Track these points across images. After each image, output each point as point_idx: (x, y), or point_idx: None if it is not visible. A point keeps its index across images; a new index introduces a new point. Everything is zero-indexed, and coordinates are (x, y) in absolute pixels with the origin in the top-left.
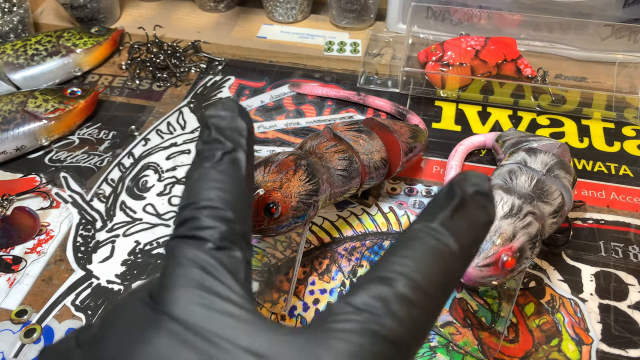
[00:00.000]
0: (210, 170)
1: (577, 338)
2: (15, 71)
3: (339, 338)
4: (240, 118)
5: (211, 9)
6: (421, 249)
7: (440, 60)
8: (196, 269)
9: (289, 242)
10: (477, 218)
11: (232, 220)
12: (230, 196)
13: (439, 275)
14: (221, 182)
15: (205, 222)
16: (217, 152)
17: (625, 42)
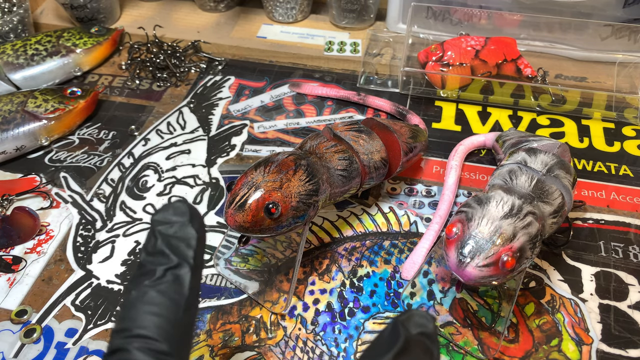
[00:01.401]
0: (149, 290)
1: (577, 338)
2: (15, 71)
3: None
4: (191, 225)
5: (211, 9)
6: None
7: (440, 60)
8: None
9: (289, 242)
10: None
11: (165, 353)
12: (167, 323)
13: None
14: (159, 305)
15: (136, 356)
16: (159, 268)
17: (626, 42)
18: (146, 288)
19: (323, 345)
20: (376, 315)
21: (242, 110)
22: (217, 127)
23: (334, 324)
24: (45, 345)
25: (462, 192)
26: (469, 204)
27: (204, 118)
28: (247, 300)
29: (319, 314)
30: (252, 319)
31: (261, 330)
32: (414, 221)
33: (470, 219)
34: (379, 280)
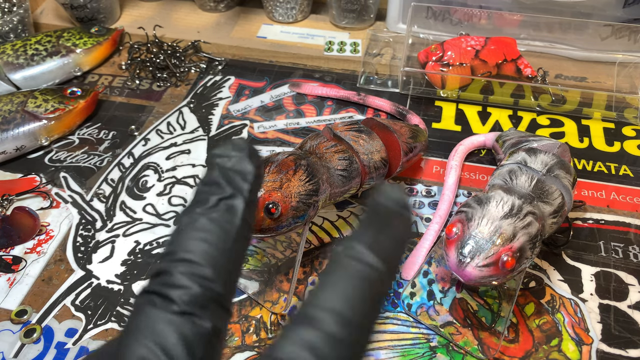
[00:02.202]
0: (200, 217)
1: (577, 338)
2: (15, 71)
3: None
4: (249, 160)
5: (211, 9)
6: (347, 277)
7: (440, 60)
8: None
9: (289, 242)
10: (400, 233)
11: (209, 279)
12: (215, 250)
13: (368, 302)
14: (208, 232)
15: (178, 279)
16: (212, 197)
17: (625, 42)
18: (197, 215)
19: None
20: None
21: (242, 110)
22: (217, 127)
23: None
24: (45, 345)
25: (462, 192)
26: (469, 204)
27: (204, 118)
28: (247, 300)
29: None
30: (252, 319)
31: (261, 330)
32: (414, 221)
33: (470, 219)
34: None
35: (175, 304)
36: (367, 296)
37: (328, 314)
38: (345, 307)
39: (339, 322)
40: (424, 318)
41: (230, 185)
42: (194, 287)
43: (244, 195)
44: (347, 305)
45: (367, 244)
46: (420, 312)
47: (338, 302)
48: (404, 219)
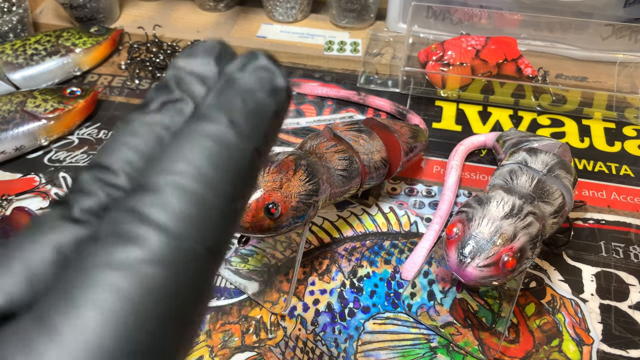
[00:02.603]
0: (134, 121)
1: (577, 338)
2: (14, 71)
3: None
4: (215, 62)
5: (211, 8)
6: (182, 139)
7: (441, 59)
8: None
9: (289, 242)
10: (255, 88)
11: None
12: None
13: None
14: (138, 136)
15: (84, 184)
16: (155, 101)
17: (626, 42)
18: (131, 118)
19: (323, 345)
20: (376, 316)
21: None
22: None
23: (334, 324)
24: None
25: (463, 192)
26: (469, 204)
27: None
28: (247, 300)
29: (319, 315)
30: (252, 319)
31: (261, 331)
32: (414, 221)
33: (470, 219)
34: (379, 281)
35: (69, 210)
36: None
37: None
38: (185, 166)
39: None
40: (425, 318)
41: (180, 88)
42: (99, 193)
43: (195, 100)
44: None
45: (206, 105)
46: (421, 313)
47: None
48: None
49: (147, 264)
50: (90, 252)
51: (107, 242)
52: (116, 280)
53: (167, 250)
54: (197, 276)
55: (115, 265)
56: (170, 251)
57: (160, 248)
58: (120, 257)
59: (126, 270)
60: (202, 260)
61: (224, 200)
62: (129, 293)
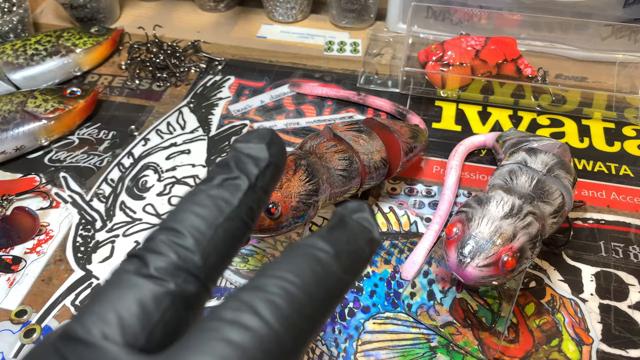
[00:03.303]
0: (199, 192)
1: (577, 338)
2: (14, 71)
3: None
4: (267, 148)
5: (211, 8)
6: (296, 256)
7: (441, 60)
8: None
9: (289, 242)
10: (358, 232)
11: (188, 249)
12: (204, 224)
13: (314, 274)
14: (203, 206)
15: (157, 245)
16: (218, 177)
17: (626, 42)
18: (197, 190)
19: (323, 345)
20: (376, 316)
21: (242, 110)
22: (217, 127)
23: (334, 324)
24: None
25: (462, 192)
26: (469, 204)
27: (203, 118)
28: None
29: None
30: None
31: None
32: (414, 221)
33: (470, 219)
34: (379, 281)
35: (147, 268)
36: (313, 271)
37: (275, 280)
38: (293, 277)
39: (285, 289)
40: (424, 318)
41: (238, 167)
42: (171, 254)
43: (250, 179)
44: (296, 276)
45: (321, 236)
46: (421, 312)
47: (286, 273)
48: (362, 225)
49: (251, 345)
50: (210, 326)
51: (225, 322)
52: (226, 351)
53: (266, 340)
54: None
55: (229, 341)
56: (268, 341)
57: (262, 336)
58: (233, 336)
59: (235, 347)
60: (290, 354)
61: (317, 315)
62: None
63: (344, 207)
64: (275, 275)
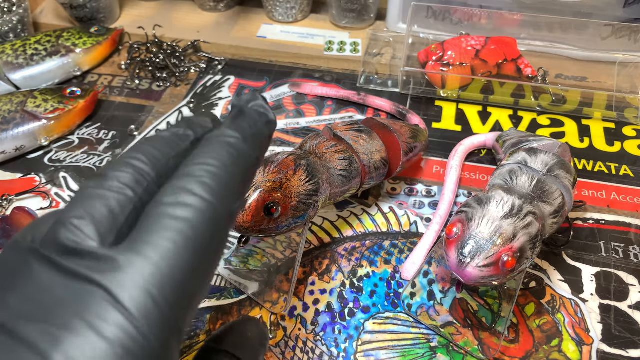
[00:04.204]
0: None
1: (577, 338)
2: (14, 71)
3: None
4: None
5: (211, 8)
6: (210, 144)
7: (441, 60)
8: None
9: (289, 242)
10: (257, 119)
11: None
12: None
13: (229, 156)
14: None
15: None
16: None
17: (626, 42)
18: (153, 136)
19: (323, 345)
20: (376, 316)
21: None
22: None
23: (334, 324)
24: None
25: (463, 192)
26: (469, 204)
27: None
28: (247, 300)
29: (319, 314)
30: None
31: None
32: (414, 221)
33: (470, 219)
34: (379, 281)
35: (112, 181)
36: (233, 157)
37: (201, 166)
38: (214, 161)
39: (210, 171)
40: (424, 318)
41: (188, 127)
42: (131, 170)
43: (197, 134)
44: (216, 160)
45: (228, 126)
46: (421, 313)
47: (208, 159)
48: (258, 111)
49: (196, 217)
50: (159, 210)
51: (170, 205)
52: (179, 226)
53: (206, 211)
54: (222, 228)
55: (178, 218)
56: (208, 211)
57: (202, 208)
58: (180, 213)
59: (184, 221)
60: (225, 220)
61: (238, 183)
62: (187, 233)
63: (240, 99)
64: (200, 162)
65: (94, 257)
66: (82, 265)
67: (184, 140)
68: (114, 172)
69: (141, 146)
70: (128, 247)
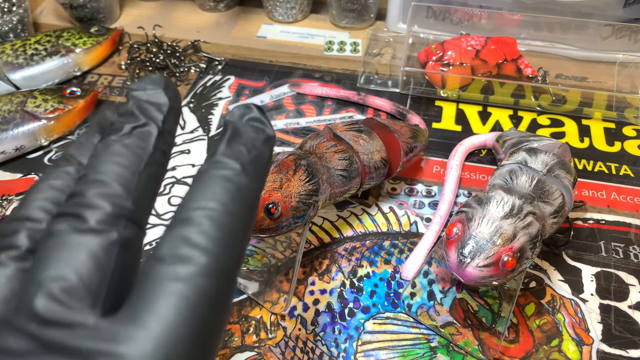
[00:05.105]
0: (114, 143)
1: (577, 338)
2: (14, 71)
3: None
4: (164, 93)
5: (211, 8)
6: (208, 181)
7: (441, 60)
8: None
9: (289, 242)
10: (254, 138)
11: (120, 197)
12: (128, 172)
13: (229, 194)
14: (122, 156)
15: (91, 199)
16: (126, 126)
17: (626, 42)
18: (111, 141)
19: (323, 345)
20: (376, 316)
21: None
22: (217, 127)
23: (334, 324)
24: None
25: (463, 192)
26: (469, 204)
27: (203, 118)
28: (247, 300)
29: (319, 314)
30: (252, 319)
31: (261, 331)
32: (414, 221)
33: (470, 219)
34: (379, 281)
35: (87, 223)
36: (227, 190)
37: (199, 211)
38: (214, 204)
39: (210, 216)
40: (424, 318)
41: (144, 115)
42: (106, 205)
43: (157, 124)
44: (216, 202)
45: (224, 154)
46: (421, 313)
47: (207, 201)
48: (255, 128)
49: (199, 276)
50: (158, 270)
51: (170, 262)
52: (180, 289)
53: (210, 265)
54: (229, 280)
55: (180, 279)
56: (212, 266)
57: (206, 264)
58: (181, 272)
59: (187, 282)
60: (231, 270)
61: (242, 227)
62: (190, 297)
63: (232, 114)
64: (197, 207)
65: (87, 329)
66: (72, 340)
67: (147, 139)
68: (88, 207)
69: (106, 165)
70: (127, 317)
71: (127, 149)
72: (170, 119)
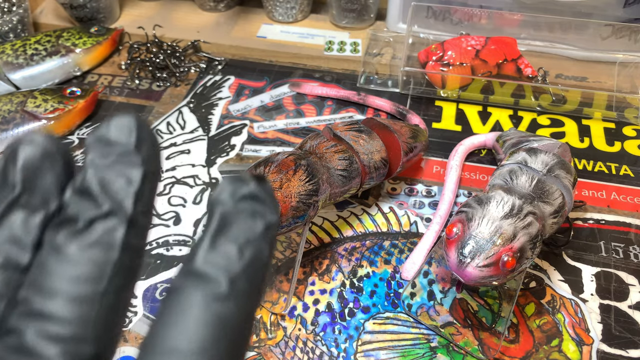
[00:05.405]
0: (69, 245)
1: (577, 338)
2: (14, 71)
3: None
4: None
5: (211, 8)
6: (183, 306)
7: (441, 60)
8: None
9: (289, 242)
10: (250, 228)
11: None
12: (84, 296)
13: (211, 330)
14: (78, 265)
15: (32, 343)
16: (82, 215)
17: (626, 42)
18: (64, 240)
19: (323, 345)
20: (376, 316)
21: (241, 110)
22: (217, 127)
23: (334, 324)
24: None
25: (463, 192)
26: (469, 204)
27: (203, 118)
28: None
29: (319, 314)
30: None
31: (261, 331)
32: (414, 221)
33: (470, 219)
34: (379, 281)
35: None
36: (217, 333)
37: (171, 356)
38: (190, 345)
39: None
40: (424, 318)
41: (108, 196)
42: (52, 351)
43: (125, 213)
44: (192, 343)
45: (207, 261)
46: (421, 313)
47: (180, 341)
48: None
49: None
50: None
51: None
52: None
53: None
54: None
55: None
56: None
57: None
58: None
59: None
60: None
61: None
62: None
63: (220, 192)
64: (167, 349)
65: None
66: None
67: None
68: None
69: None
70: None
71: (84, 257)
72: (146, 191)
